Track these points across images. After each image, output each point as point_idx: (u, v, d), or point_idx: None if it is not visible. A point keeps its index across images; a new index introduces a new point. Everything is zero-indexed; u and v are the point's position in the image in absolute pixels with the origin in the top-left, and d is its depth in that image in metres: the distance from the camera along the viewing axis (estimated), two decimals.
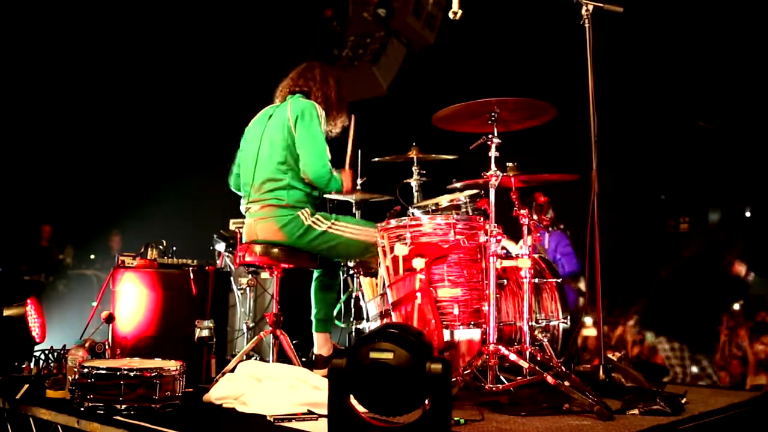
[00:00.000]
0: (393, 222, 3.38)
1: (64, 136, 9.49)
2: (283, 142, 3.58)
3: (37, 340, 3.77)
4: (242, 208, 3.75)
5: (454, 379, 2.94)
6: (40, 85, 8.97)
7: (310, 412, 2.80)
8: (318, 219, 3.59)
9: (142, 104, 9.35)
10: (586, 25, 3.40)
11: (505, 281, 3.43)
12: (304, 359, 3.69)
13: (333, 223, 3.60)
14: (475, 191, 3.63)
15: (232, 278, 4.42)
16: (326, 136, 3.71)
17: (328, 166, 3.57)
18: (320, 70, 3.85)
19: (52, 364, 3.51)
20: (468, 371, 3.00)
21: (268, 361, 3.52)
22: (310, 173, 3.55)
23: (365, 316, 3.76)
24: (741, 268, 5.79)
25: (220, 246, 4.58)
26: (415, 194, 4.26)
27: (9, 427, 3.15)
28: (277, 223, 3.55)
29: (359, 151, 4.39)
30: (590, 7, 3.38)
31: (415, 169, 4.31)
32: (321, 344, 3.82)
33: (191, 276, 3.77)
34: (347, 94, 3.92)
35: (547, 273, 3.64)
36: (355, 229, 3.63)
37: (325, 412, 2.40)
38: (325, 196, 4.32)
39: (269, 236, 3.56)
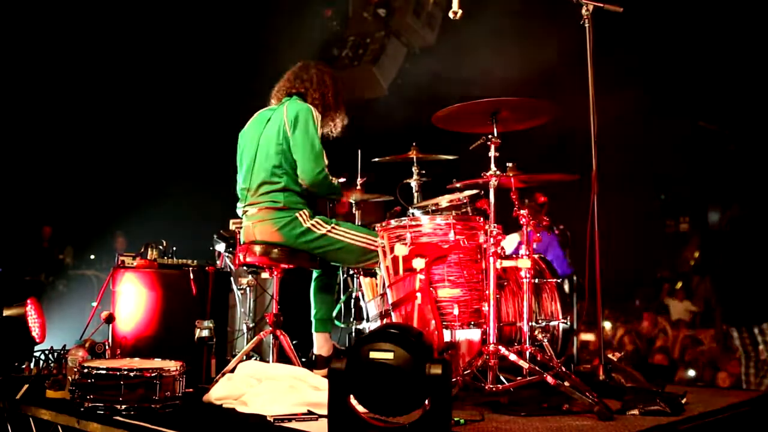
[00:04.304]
0: (393, 222, 3.38)
1: (64, 137, 9.49)
2: (278, 146, 3.58)
3: (37, 340, 3.78)
4: (239, 211, 3.75)
5: (454, 380, 2.94)
6: (40, 87, 8.97)
7: (310, 412, 2.80)
8: (318, 222, 3.59)
9: (141, 105, 9.35)
10: (586, 25, 3.40)
11: (506, 282, 3.43)
12: (304, 359, 3.69)
13: (333, 227, 3.60)
14: (475, 191, 3.63)
15: (232, 278, 4.42)
16: (325, 137, 3.70)
17: (324, 171, 3.56)
18: (316, 69, 3.83)
19: (52, 364, 3.51)
20: (468, 371, 3.00)
21: (268, 361, 3.52)
22: (306, 179, 3.55)
23: (365, 316, 3.76)
24: None
25: (220, 246, 4.58)
26: (415, 194, 4.26)
27: (9, 427, 3.15)
28: (274, 225, 3.54)
29: (359, 151, 4.40)
30: (590, 7, 3.38)
31: (415, 169, 4.31)
32: (321, 344, 3.82)
33: (191, 276, 3.77)
34: (346, 92, 3.90)
35: (547, 273, 3.64)
36: (355, 235, 3.62)
37: (325, 412, 2.40)
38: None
39: (267, 237, 3.56)
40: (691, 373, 6.87)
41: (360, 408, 2.31)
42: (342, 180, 4.34)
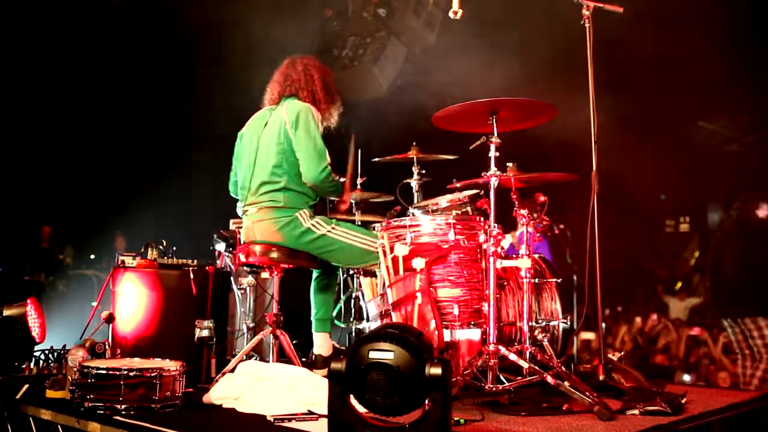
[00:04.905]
0: (393, 222, 3.38)
1: (64, 137, 9.49)
2: (278, 147, 3.58)
3: (37, 340, 3.77)
4: (239, 211, 3.76)
5: (454, 379, 2.94)
6: (39, 86, 8.97)
7: (310, 412, 2.80)
8: (318, 222, 3.59)
9: (141, 104, 9.35)
10: (587, 25, 3.40)
11: (505, 282, 3.43)
12: (304, 359, 3.69)
13: (333, 228, 3.60)
14: (475, 191, 3.63)
15: (232, 278, 4.42)
16: (326, 131, 3.70)
17: (327, 170, 3.57)
18: (302, 66, 3.81)
19: (52, 364, 3.51)
20: (468, 371, 3.00)
21: (268, 361, 3.52)
22: (309, 178, 3.55)
23: (365, 316, 3.76)
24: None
25: (220, 246, 4.57)
26: (415, 194, 4.26)
27: (9, 427, 3.15)
28: (274, 225, 3.55)
29: (359, 151, 4.40)
30: (590, 7, 3.38)
31: (415, 169, 4.31)
32: (321, 344, 3.82)
33: (191, 276, 3.77)
34: (335, 83, 3.88)
35: (547, 273, 3.64)
36: (355, 235, 3.62)
37: (325, 412, 2.40)
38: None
39: (267, 237, 3.56)
40: (687, 378, 6.87)
41: (360, 408, 2.31)
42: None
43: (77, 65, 9.08)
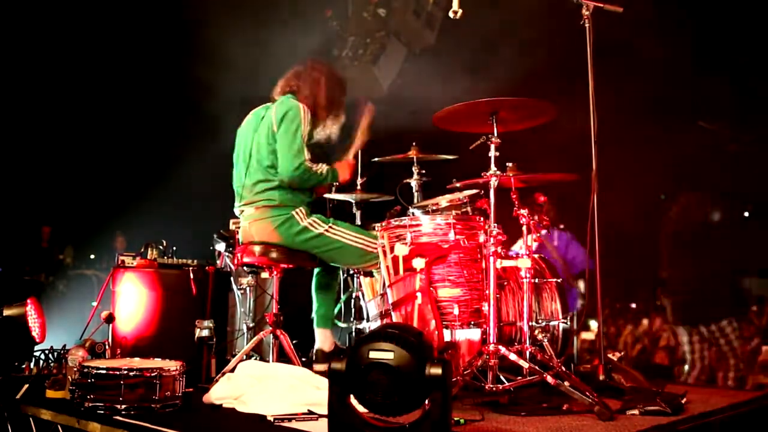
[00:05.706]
0: (393, 222, 3.38)
1: (64, 137, 9.49)
2: (269, 147, 3.58)
3: (37, 340, 3.77)
4: (236, 211, 3.75)
5: (454, 379, 2.94)
6: (39, 86, 8.97)
7: (310, 412, 2.80)
8: (315, 221, 3.59)
9: (141, 104, 9.35)
10: (587, 25, 3.40)
11: (506, 282, 3.43)
12: (304, 359, 3.69)
13: (330, 227, 3.60)
14: (475, 191, 3.63)
15: (232, 278, 4.42)
16: (312, 135, 3.67)
17: (302, 167, 3.52)
18: (312, 67, 3.82)
19: (52, 364, 3.51)
20: (468, 371, 3.00)
21: (268, 361, 3.52)
22: (284, 176, 3.53)
23: (365, 316, 3.76)
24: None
25: (220, 246, 4.58)
26: (415, 194, 4.26)
27: (9, 427, 3.15)
28: (272, 224, 3.54)
29: (359, 151, 4.39)
30: (590, 7, 3.38)
31: (415, 169, 4.31)
32: (323, 340, 3.83)
33: (191, 276, 3.77)
34: (343, 93, 3.87)
35: (547, 273, 3.64)
36: (353, 235, 3.61)
37: (325, 412, 2.40)
38: (325, 196, 4.32)
39: (265, 237, 3.56)
40: (687, 367, 6.86)
41: (360, 408, 2.31)
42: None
43: (77, 65, 9.07)
